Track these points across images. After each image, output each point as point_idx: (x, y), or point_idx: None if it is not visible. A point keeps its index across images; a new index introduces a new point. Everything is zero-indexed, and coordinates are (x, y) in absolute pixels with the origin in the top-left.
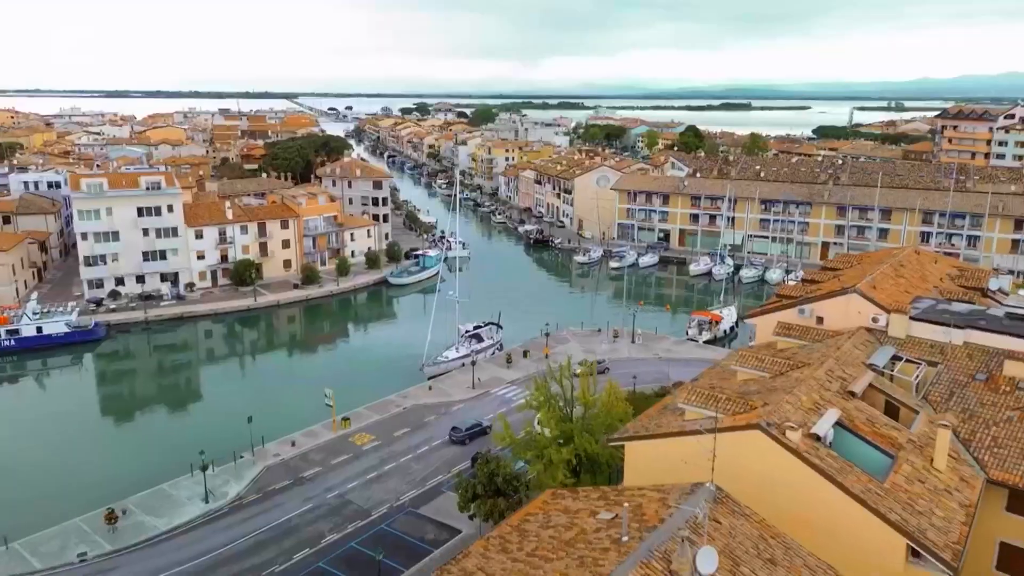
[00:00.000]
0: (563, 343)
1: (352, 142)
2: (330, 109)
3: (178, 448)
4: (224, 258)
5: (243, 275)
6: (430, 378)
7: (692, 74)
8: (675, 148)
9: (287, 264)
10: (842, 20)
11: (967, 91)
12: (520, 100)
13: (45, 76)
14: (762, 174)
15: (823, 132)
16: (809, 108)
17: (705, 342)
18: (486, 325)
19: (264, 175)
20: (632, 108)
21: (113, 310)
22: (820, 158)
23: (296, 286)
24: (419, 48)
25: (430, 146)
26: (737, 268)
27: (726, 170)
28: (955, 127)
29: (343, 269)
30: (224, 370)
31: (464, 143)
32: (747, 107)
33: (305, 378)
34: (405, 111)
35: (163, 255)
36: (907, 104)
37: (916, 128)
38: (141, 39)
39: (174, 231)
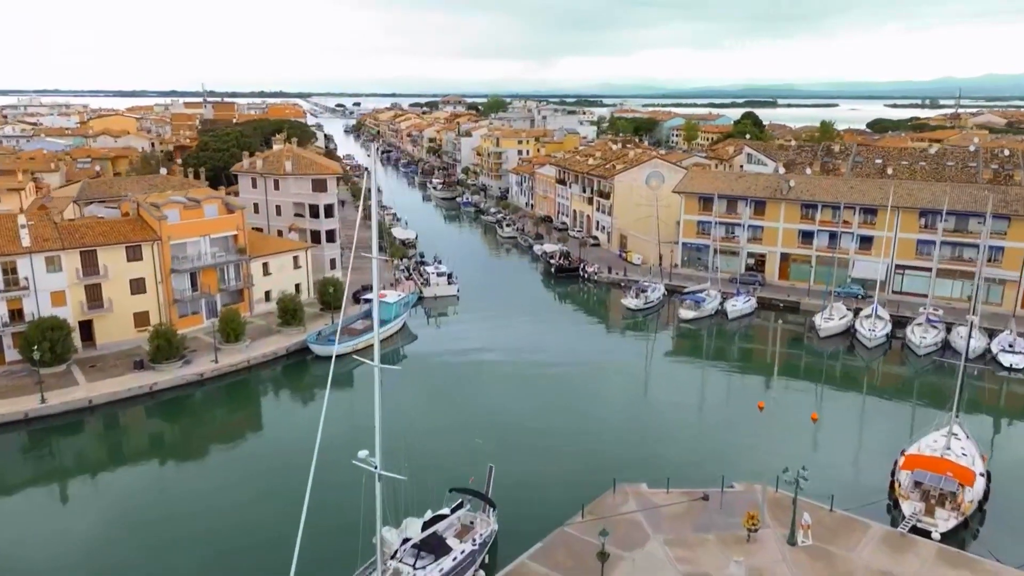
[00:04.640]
0: (630, 547)
1: (351, 138)
2: (337, 106)
3: None
4: (17, 315)
5: (37, 346)
6: None
7: (709, 73)
8: (747, 138)
9: (142, 320)
10: (860, 19)
11: (991, 90)
12: (536, 99)
13: (62, 77)
14: (889, 171)
15: (882, 126)
16: (837, 106)
17: (944, 535)
18: (457, 506)
19: (164, 171)
20: (653, 107)
21: None
22: (972, 148)
23: (139, 365)
24: (433, 49)
25: (431, 139)
26: (897, 326)
27: (832, 165)
28: None
29: (230, 330)
30: None
31: (468, 134)
32: (773, 104)
33: None
34: (415, 106)
35: None
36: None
37: (989, 121)
38: (161, 41)
39: None
